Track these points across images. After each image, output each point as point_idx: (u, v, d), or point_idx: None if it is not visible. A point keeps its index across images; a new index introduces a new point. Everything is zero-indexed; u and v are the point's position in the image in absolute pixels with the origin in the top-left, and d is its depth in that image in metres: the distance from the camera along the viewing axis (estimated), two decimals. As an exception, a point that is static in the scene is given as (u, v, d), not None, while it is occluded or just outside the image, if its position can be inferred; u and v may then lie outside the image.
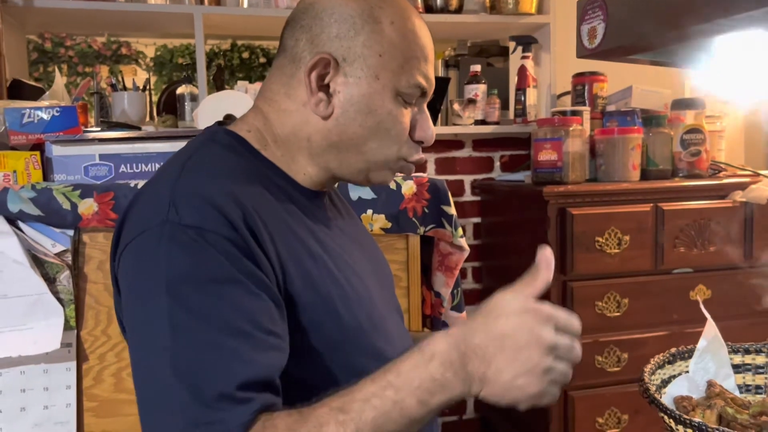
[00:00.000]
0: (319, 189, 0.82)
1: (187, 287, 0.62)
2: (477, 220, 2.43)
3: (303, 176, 0.79)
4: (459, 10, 2.23)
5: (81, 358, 1.26)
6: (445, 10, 2.21)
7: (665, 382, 0.98)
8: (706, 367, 0.98)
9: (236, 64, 4.68)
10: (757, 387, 1.02)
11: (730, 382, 0.99)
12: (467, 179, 2.42)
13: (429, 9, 2.20)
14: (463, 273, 2.42)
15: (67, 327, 1.22)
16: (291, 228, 0.72)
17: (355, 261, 0.81)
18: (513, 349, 0.61)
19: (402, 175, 1.45)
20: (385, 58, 0.74)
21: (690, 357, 1.00)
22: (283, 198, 0.75)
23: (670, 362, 1.00)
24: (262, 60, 4.59)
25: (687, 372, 0.99)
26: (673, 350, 1.00)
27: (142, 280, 0.65)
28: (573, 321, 0.65)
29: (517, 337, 0.61)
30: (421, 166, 2.37)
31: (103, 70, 4.69)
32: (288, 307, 0.68)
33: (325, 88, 0.75)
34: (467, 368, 0.61)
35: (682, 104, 2.05)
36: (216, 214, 0.64)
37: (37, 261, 1.21)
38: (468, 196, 2.42)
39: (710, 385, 0.95)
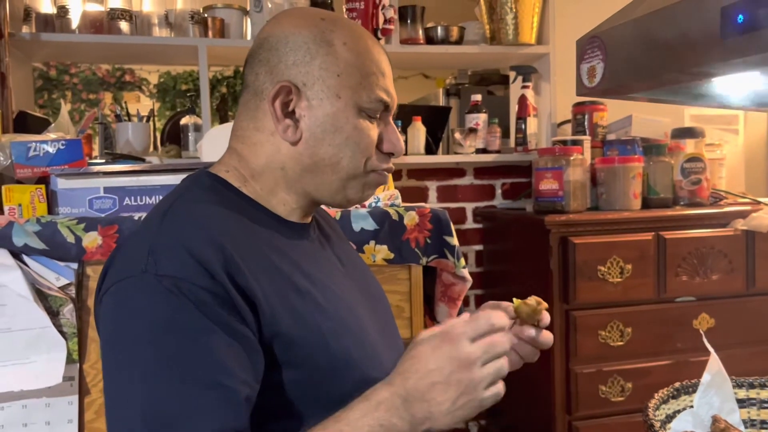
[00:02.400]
0: (302, 220, 0.83)
1: (160, 337, 0.63)
2: (479, 247, 2.43)
3: (284, 207, 0.81)
4: (459, 40, 2.26)
5: (83, 391, 1.25)
6: (445, 41, 2.23)
7: (670, 418, 0.97)
8: (711, 401, 0.98)
9: (239, 91, 4.71)
10: (762, 422, 1.01)
11: (735, 417, 0.98)
12: (469, 207, 2.43)
13: (430, 40, 2.23)
14: (465, 301, 2.41)
15: (69, 360, 1.22)
16: (275, 265, 0.73)
17: (343, 290, 0.82)
18: (442, 380, 0.65)
19: (388, 200, 1.46)
20: (343, 77, 0.77)
21: (694, 391, 0.99)
22: (267, 235, 0.77)
23: (674, 397, 0.99)
24: (265, 87, 4.63)
25: (691, 407, 0.98)
26: (677, 384, 1.00)
27: (117, 327, 0.66)
28: (481, 323, 0.68)
29: (441, 367, 0.66)
30: (423, 194, 2.38)
31: (107, 97, 4.74)
32: (276, 343, 0.70)
33: (290, 114, 0.77)
34: (411, 411, 0.66)
35: (682, 133, 2.07)
36: (193, 263, 0.65)
37: (40, 294, 1.22)
38: (470, 224, 2.43)
39: (715, 420, 0.94)
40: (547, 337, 0.80)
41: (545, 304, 0.79)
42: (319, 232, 0.89)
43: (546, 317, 0.80)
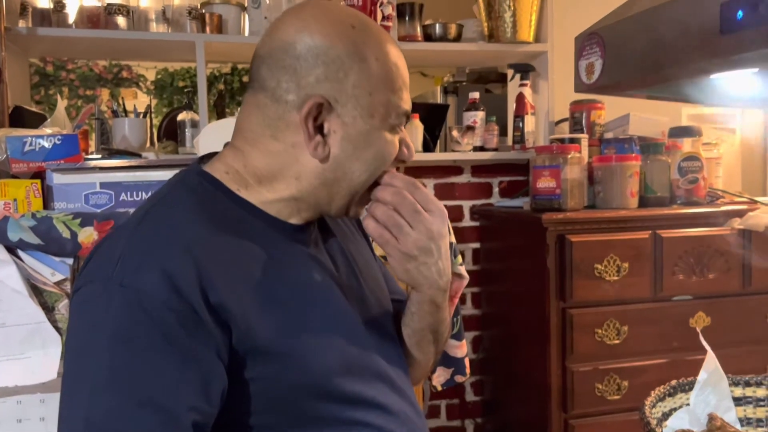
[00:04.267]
0: (304, 222, 0.81)
1: (113, 351, 0.62)
2: (476, 245, 2.43)
3: (288, 212, 0.78)
4: (458, 38, 2.26)
5: (78, 387, 1.25)
6: (444, 38, 2.23)
7: (666, 415, 0.98)
8: (707, 399, 0.98)
9: (236, 88, 4.72)
10: (758, 420, 1.01)
11: (731, 415, 0.98)
12: (466, 205, 2.43)
13: (428, 37, 2.22)
14: (462, 299, 2.41)
15: (64, 356, 1.22)
16: (257, 277, 0.71)
17: (334, 296, 0.80)
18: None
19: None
20: (374, 95, 0.75)
21: (690, 389, 1.00)
22: (256, 244, 0.74)
23: (670, 395, 0.99)
24: (263, 84, 4.63)
25: (688, 405, 0.99)
26: (673, 382, 1.00)
27: (76, 333, 0.66)
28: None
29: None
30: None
31: (104, 93, 4.73)
32: (251, 357, 0.68)
33: (318, 128, 0.74)
34: None
35: (679, 132, 2.07)
36: (161, 277, 0.63)
37: (35, 290, 1.21)
38: (467, 222, 2.43)
39: (711, 418, 0.94)
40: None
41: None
42: (319, 233, 0.85)
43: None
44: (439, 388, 1.81)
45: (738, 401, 1.01)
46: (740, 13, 0.61)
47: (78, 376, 0.63)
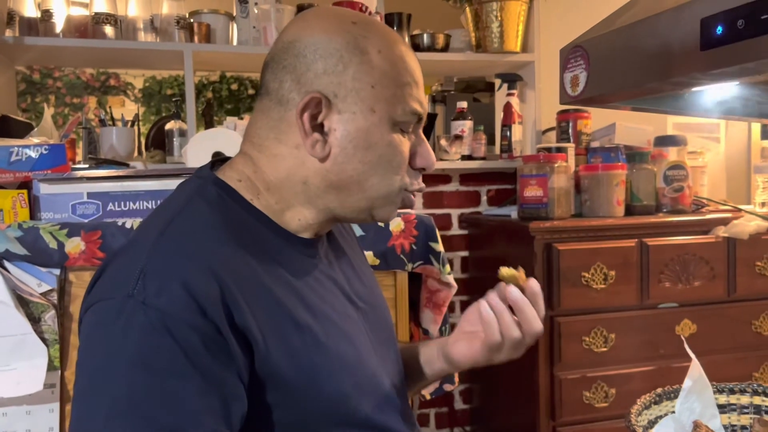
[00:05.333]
0: (314, 235, 0.78)
1: (133, 373, 0.58)
2: (465, 253, 2.44)
3: (298, 222, 0.76)
4: (445, 48, 2.27)
5: (64, 399, 1.24)
6: (432, 48, 2.25)
7: (652, 423, 0.99)
8: (692, 407, 0.99)
9: (225, 96, 4.71)
10: (743, 427, 1.02)
11: (715, 423, 1.00)
12: (455, 213, 2.44)
13: (416, 47, 2.24)
14: (451, 307, 2.41)
15: (50, 367, 1.21)
16: (276, 298, 0.69)
17: (346, 318, 0.78)
18: None
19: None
20: (377, 89, 0.71)
21: (676, 397, 1.01)
22: (271, 260, 0.72)
23: (656, 402, 1.00)
24: (251, 91, 4.63)
25: (673, 413, 1.00)
26: (659, 390, 1.01)
27: (93, 352, 0.62)
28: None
29: None
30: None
31: (92, 101, 4.70)
32: (270, 382, 0.66)
33: (318, 127, 0.71)
34: None
35: (664, 141, 2.09)
36: (185, 296, 0.60)
37: (22, 301, 1.20)
38: (456, 230, 2.44)
39: (696, 425, 0.95)
40: (532, 284, 0.82)
41: (524, 275, 0.83)
42: (328, 246, 0.83)
43: (531, 282, 0.82)
44: (428, 397, 1.81)
45: (723, 408, 1.03)
46: (720, 29, 0.62)
47: (92, 401, 0.59)
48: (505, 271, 0.81)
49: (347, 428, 0.71)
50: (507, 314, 0.80)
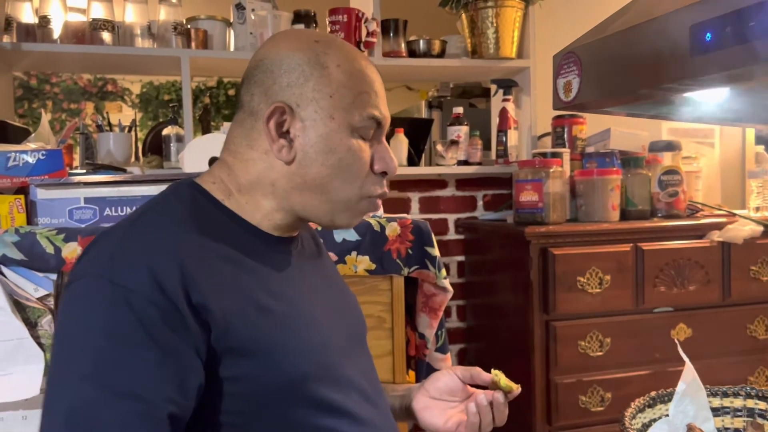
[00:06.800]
0: (285, 234, 0.85)
1: (99, 344, 0.66)
2: (461, 258, 2.45)
3: (268, 222, 0.82)
4: (441, 54, 2.28)
5: (61, 403, 1.24)
6: (428, 54, 2.26)
7: (646, 426, 0.99)
8: (686, 410, 1.00)
9: (222, 101, 4.72)
10: (736, 430, 1.03)
11: (709, 426, 1.00)
12: (451, 218, 2.45)
13: (412, 53, 2.25)
14: (447, 312, 2.42)
15: (47, 372, 1.21)
16: (238, 283, 0.75)
17: (314, 308, 0.84)
18: None
19: (371, 214, 1.47)
20: (335, 98, 0.78)
21: (670, 400, 1.01)
22: (239, 251, 0.78)
23: (650, 406, 1.01)
24: (248, 98, 4.64)
25: (667, 416, 1.00)
26: (653, 393, 1.02)
27: (65, 325, 0.70)
28: None
29: None
30: (405, 205, 2.40)
31: (89, 107, 4.71)
32: (229, 357, 0.72)
33: (285, 134, 0.79)
34: None
35: (659, 146, 2.11)
36: (147, 276, 0.68)
37: (18, 305, 1.21)
38: (452, 235, 2.45)
39: (690, 428, 0.96)
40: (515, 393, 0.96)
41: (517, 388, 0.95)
42: (302, 246, 0.90)
43: (517, 392, 0.96)
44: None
45: (717, 412, 1.03)
46: (709, 35, 0.63)
47: (64, 367, 0.67)
48: (501, 380, 0.95)
49: (307, 408, 0.76)
50: (489, 415, 0.96)
